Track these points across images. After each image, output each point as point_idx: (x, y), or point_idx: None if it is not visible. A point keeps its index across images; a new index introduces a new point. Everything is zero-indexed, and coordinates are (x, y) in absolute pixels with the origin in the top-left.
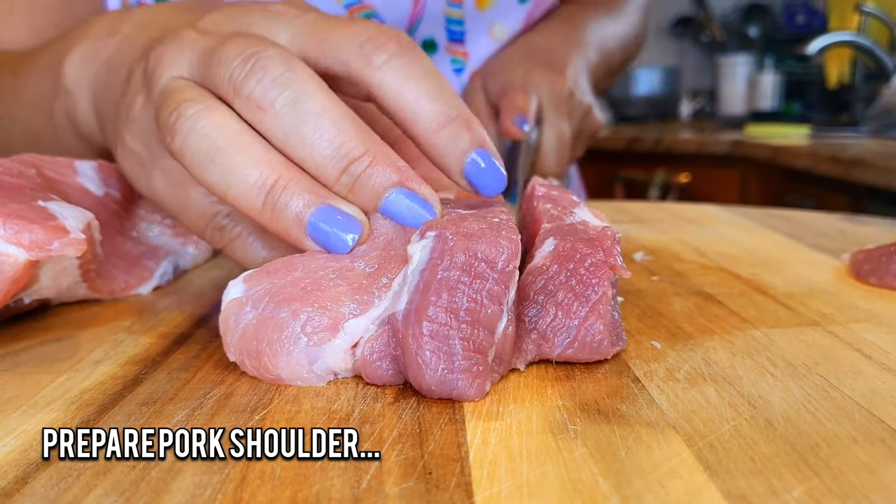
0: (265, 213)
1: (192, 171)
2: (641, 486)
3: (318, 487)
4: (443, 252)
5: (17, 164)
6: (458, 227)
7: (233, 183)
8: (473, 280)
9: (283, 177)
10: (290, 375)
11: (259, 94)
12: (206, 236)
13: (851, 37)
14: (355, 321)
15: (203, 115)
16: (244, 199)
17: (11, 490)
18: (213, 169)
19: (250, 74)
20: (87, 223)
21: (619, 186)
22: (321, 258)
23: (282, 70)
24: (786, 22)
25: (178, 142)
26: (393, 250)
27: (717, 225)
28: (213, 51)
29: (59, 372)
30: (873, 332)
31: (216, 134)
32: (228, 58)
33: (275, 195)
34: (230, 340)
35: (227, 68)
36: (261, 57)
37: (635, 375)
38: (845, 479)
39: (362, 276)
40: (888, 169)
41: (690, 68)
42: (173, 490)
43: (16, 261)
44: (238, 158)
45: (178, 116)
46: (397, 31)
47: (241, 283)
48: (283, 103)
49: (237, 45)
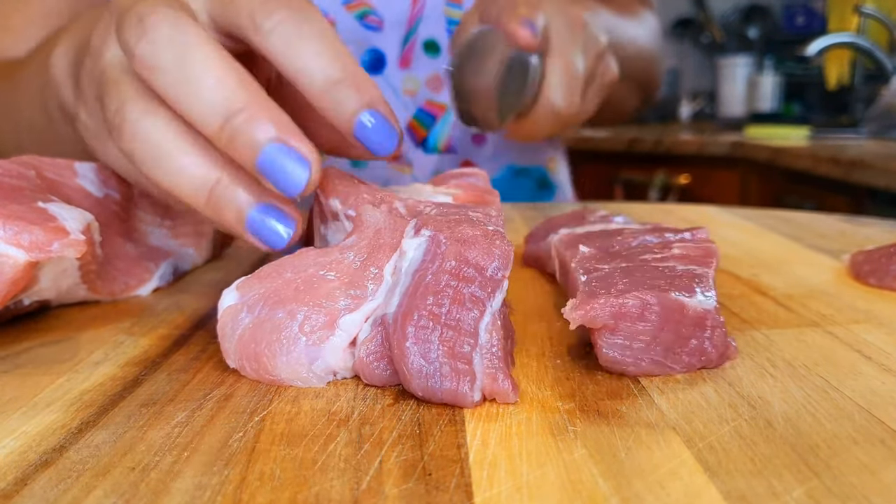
0: (209, 209)
1: (141, 170)
2: (641, 488)
3: (317, 489)
4: (434, 255)
5: (17, 166)
6: (453, 231)
7: (179, 183)
8: (460, 284)
9: (224, 176)
10: (289, 376)
11: (149, 55)
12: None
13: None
14: (350, 317)
15: (145, 119)
16: (191, 198)
17: (11, 491)
18: (160, 171)
19: (141, 37)
20: (87, 224)
21: (619, 188)
22: (310, 255)
23: (169, 31)
24: (785, 23)
25: (125, 144)
26: (381, 239)
27: (717, 226)
28: (121, 16)
29: (58, 373)
30: (873, 333)
31: (158, 138)
32: (129, 24)
33: (217, 193)
34: (228, 347)
35: (125, 33)
36: (152, 20)
37: (634, 374)
38: (845, 479)
39: (352, 268)
40: (888, 170)
41: (690, 70)
42: (173, 491)
43: (15, 262)
44: (182, 161)
45: (123, 120)
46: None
47: (235, 291)
48: (169, 61)
49: (137, 9)
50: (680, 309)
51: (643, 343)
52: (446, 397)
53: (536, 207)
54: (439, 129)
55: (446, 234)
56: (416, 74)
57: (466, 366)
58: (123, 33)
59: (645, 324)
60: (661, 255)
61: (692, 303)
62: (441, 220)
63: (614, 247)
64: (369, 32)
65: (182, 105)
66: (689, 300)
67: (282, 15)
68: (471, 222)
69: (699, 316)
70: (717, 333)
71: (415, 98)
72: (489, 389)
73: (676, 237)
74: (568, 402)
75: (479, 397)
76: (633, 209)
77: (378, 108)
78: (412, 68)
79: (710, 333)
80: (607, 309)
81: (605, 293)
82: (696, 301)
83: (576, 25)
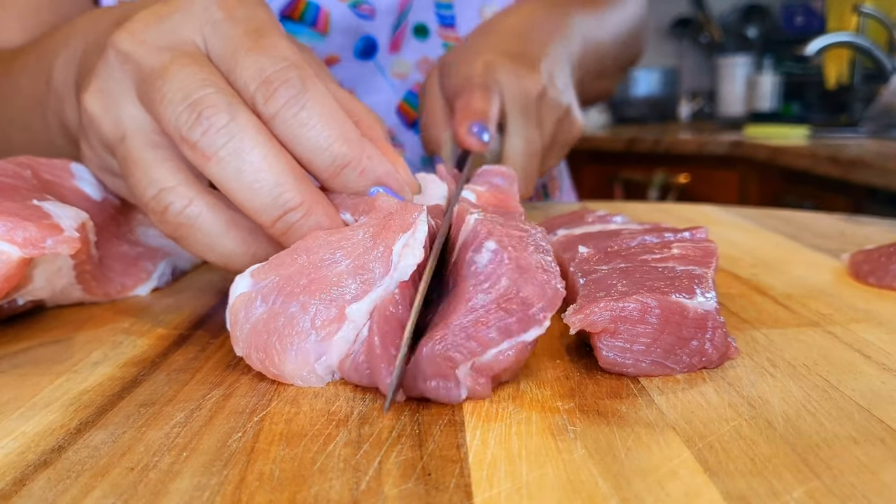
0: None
1: (184, 247)
2: (641, 488)
3: (316, 489)
4: (490, 274)
5: (13, 166)
6: (518, 251)
7: (230, 262)
8: (501, 315)
9: (272, 251)
10: (293, 372)
11: (205, 145)
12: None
13: (850, 37)
14: (357, 305)
15: (192, 207)
16: (241, 270)
17: (10, 492)
18: (211, 254)
19: (196, 125)
20: (82, 223)
21: (619, 187)
22: (321, 235)
23: (226, 121)
24: (784, 23)
25: (169, 230)
26: (392, 221)
27: (717, 226)
28: (154, 83)
29: (57, 374)
30: (873, 333)
31: (209, 226)
32: (173, 101)
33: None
34: (239, 334)
35: (173, 112)
36: (206, 106)
37: (634, 375)
38: (845, 479)
39: (362, 246)
40: (887, 169)
41: (689, 69)
42: (171, 492)
43: (9, 258)
44: (233, 243)
45: (166, 209)
46: (293, 67)
47: (249, 278)
48: (227, 153)
49: (180, 86)
50: (681, 311)
51: (643, 346)
52: (451, 397)
53: (536, 207)
54: None
55: (510, 255)
56: (406, 58)
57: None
58: (166, 109)
59: (645, 326)
60: (661, 256)
61: (693, 304)
62: (504, 233)
63: (613, 247)
64: (362, 21)
65: (237, 196)
66: (689, 301)
67: (283, 98)
68: (536, 246)
69: (700, 317)
70: (717, 334)
71: (405, 81)
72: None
73: (676, 237)
74: (567, 401)
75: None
76: (632, 209)
77: (385, 183)
78: (402, 52)
79: (711, 334)
80: (607, 313)
81: (605, 296)
82: (696, 302)
83: (530, 98)
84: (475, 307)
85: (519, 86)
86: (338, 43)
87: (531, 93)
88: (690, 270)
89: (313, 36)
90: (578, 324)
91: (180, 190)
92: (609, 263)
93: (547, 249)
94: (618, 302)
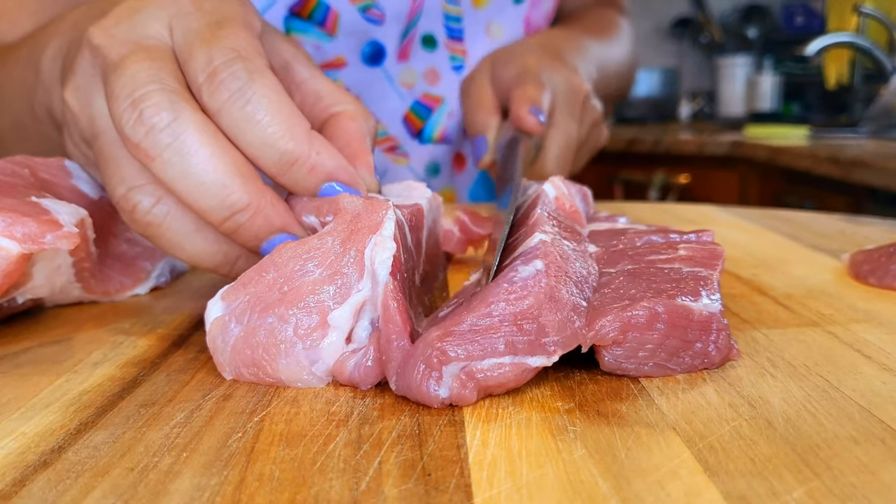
0: (232, 277)
1: (157, 246)
2: (641, 488)
3: (316, 489)
4: (520, 289)
5: (11, 165)
6: (558, 282)
7: (201, 261)
8: (514, 332)
9: (244, 251)
10: (290, 376)
11: (148, 145)
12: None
13: (850, 38)
14: (339, 311)
15: (158, 207)
16: (213, 270)
17: (9, 492)
18: (181, 253)
19: (138, 123)
20: (81, 219)
21: (619, 187)
22: (288, 248)
23: (168, 120)
24: (785, 23)
25: (139, 228)
26: (360, 223)
27: (717, 226)
28: (109, 78)
29: (57, 374)
30: (873, 333)
31: (176, 226)
32: (119, 97)
33: (239, 266)
34: (222, 360)
35: (117, 109)
36: (148, 105)
37: (635, 376)
38: (846, 479)
39: (333, 253)
40: (887, 170)
41: (689, 69)
42: (171, 492)
43: (8, 254)
44: (201, 243)
45: (133, 208)
46: (239, 60)
47: (220, 301)
48: (171, 154)
49: (125, 82)
50: (687, 315)
51: (648, 351)
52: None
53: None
54: (435, 121)
55: (548, 283)
56: (413, 67)
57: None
58: (112, 103)
59: (653, 333)
60: (667, 257)
61: (698, 307)
62: (555, 262)
63: (619, 246)
64: (370, 25)
65: (184, 197)
66: (694, 304)
67: (229, 91)
68: (578, 285)
69: (705, 319)
70: (721, 337)
71: (412, 90)
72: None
73: (682, 238)
74: (568, 402)
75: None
76: (632, 209)
77: (336, 179)
78: (410, 61)
79: (716, 336)
80: (617, 324)
81: (613, 307)
82: (701, 304)
83: (577, 97)
84: (493, 313)
85: (569, 84)
86: (345, 45)
87: (579, 93)
88: (696, 272)
89: (321, 36)
90: (590, 340)
91: (148, 189)
92: (616, 266)
93: (587, 293)
94: (626, 311)
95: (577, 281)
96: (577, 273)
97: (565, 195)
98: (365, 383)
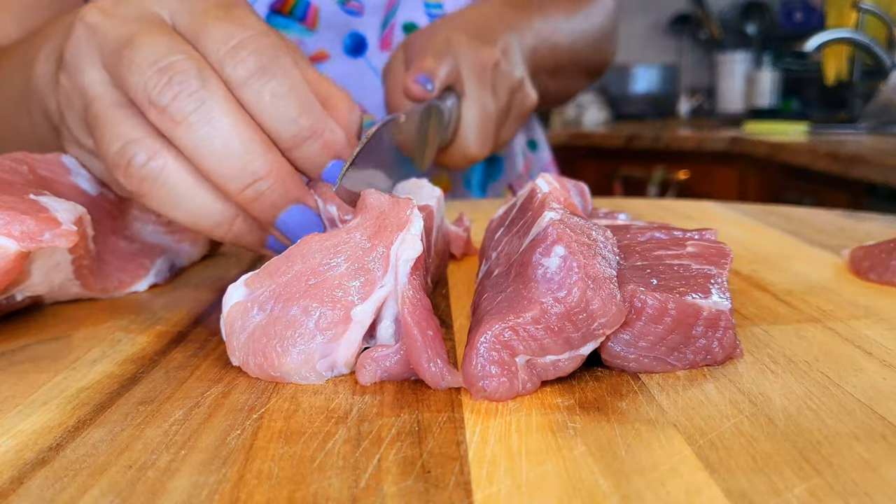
0: (229, 238)
1: (152, 207)
2: (642, 485)
3: (315, 487)
4: (561, 283)
5: (10, 162)
6: (587, 258)
7: (198, 220)
8: (566, 325)
9: (240, 217)
10: (291, 370)
11: (174, 109)
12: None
13: (849, 34)
14: (362, 307)
15: (154, 161)
16: (211, 232)
17: (7, 490)
18: (178, 211)
19: (166, 88)
20: (79, 217)
21: (618, 184)
22: (315, 240)
23: (197, 86)
24: (784, 19)
25: (134, 185)
26: (386, 220)
27: (717, 222)
28: (121, 52)
29: (55, 371)
30: (874, 329)
31: (173, 180)
32: (141, 66)
33: (237, 226)
34: (236, 343)
35: (140, 77)
36: (177, 72)
37: (635, 371)
38: (847, 476)
39: (361, 248)
40: (886, 165)
41: (689, 66)
42: (170, 490)
43: (6, 251)
44: (200, 200)
45: (129, 162)
46: (263, 36)
47: (243, 287)
48: (198, 119)
49: (149, 52)
50: (695, 312)
51: (649, 343)
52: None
53: None
54: None
55: (580, 263)
56: None
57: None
58: (134, 75)
59: (657, 325)
60: (676, 253)
61: (707, 304)
62: (574, 239)
63: (623, 241)
64: (350, 17)
65: (205, 163)
66: (704, 302)
67: (249, 69)
68: (604, 257)
69: (713, 317)
70: (727, 335)
71: None
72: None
73: (685, 235)
74: (568, 398)
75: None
76: (632, 205)
77: (345, 156)
78: (392, 50)
79: (722, 334)
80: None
81: (632, 284)
82: (711, 302)
83: (486, 68)
84: (547, 312)
85: (475, 55)
86: (326, 38)
87: (486, 62)
88: (706, 270)
89: (302, 31)
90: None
91: (145, 142)
92: (627, 260)
93: (612, 261)
94: (643, 295)
95: (598, 252)
96: (592, 242)
97: (559, 190)
98: (398, 377)
